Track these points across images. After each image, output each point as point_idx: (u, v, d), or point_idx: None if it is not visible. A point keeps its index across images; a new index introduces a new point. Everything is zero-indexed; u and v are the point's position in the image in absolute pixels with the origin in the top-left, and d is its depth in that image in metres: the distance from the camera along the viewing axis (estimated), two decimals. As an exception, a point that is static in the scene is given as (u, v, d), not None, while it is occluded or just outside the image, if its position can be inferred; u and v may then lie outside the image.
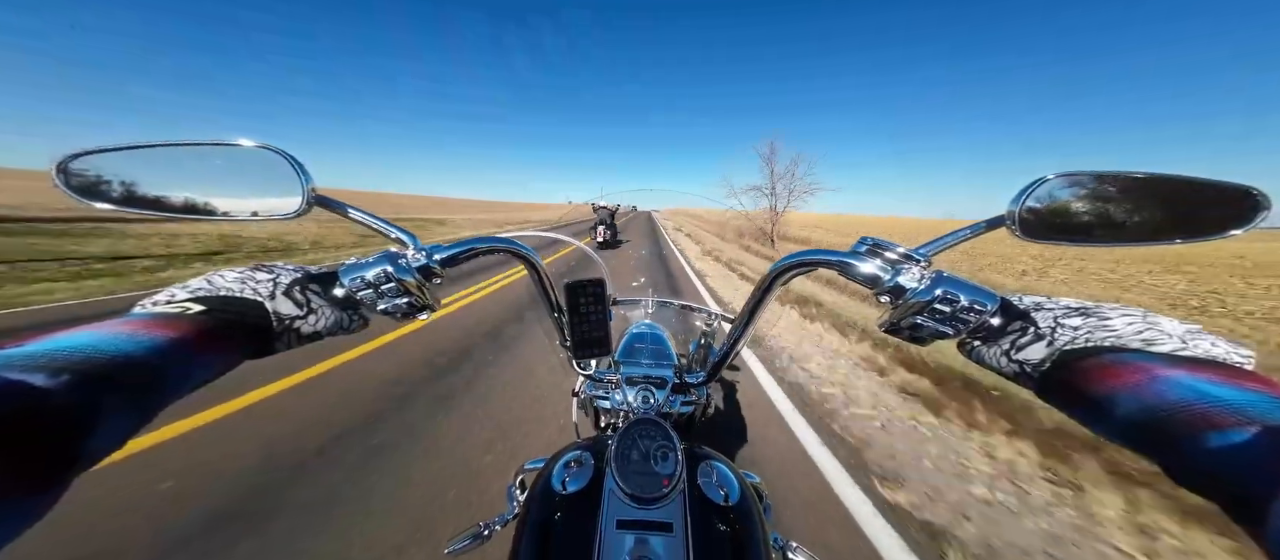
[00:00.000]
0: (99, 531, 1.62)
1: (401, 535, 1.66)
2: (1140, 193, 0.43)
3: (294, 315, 0.42)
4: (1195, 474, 0.26)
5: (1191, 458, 0.26)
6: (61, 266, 6.47)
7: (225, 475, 1.97)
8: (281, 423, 2.44)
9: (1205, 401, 0.26)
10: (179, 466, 2.01)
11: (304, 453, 2.16)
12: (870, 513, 1.89)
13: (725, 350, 0.77)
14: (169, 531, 1.64)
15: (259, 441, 2.24)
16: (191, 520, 1.70)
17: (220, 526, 1.68)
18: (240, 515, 1.74)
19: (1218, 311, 9.44)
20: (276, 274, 0.43)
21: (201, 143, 0.46)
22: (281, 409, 2.60)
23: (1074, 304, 0.39)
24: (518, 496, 0.79)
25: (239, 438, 2.27)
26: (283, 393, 2.78)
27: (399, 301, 0.49)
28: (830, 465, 2.24)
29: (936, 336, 0.45)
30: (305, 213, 0.50)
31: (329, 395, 2.80)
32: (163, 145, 0.45)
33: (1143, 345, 0.33)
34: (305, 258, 9.10)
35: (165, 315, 0.34)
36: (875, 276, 0.47)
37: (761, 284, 0.60)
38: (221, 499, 1.82)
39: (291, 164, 0.48)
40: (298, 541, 1.63)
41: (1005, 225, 0.47)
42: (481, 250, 0.56)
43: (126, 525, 1.66)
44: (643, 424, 0.63)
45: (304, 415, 2.53)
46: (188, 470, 1.99)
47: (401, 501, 1.85)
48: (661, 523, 0.52)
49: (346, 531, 1.68)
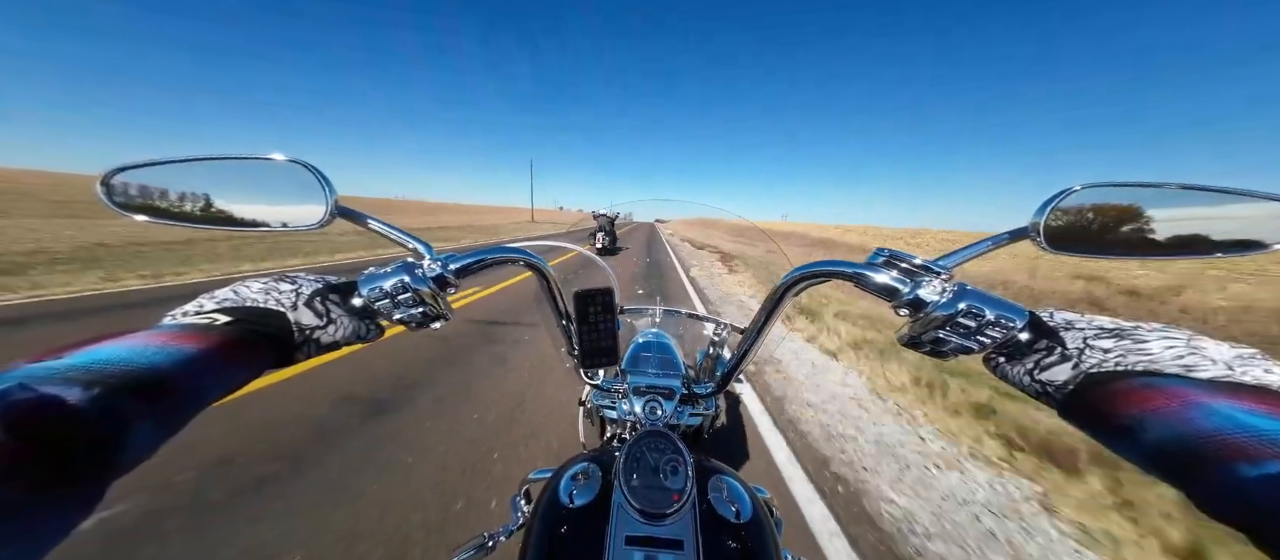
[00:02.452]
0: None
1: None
2: (1171, 204, 0.42)
3: (314, 325, 0.43)
4: (1224, 504, 0.25)
5: (1221, 487, 0.25)
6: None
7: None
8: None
9: (1242, 431, 0.25)
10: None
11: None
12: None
13: (735, 361, 0.76)
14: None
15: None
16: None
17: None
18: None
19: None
20: (299, 284, 0.45)
21: (237, 156, 0.49)
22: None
23: (1109, 324, 0.37)
24: (523, 507, 0.79)
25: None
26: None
27: (414, 311, 0.50)
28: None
29: (960, 351, 0.43)
30: (329, 224, 0.52)
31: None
32: (201, 159, 0.47)
33: (1181, 371, 0.31)
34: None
35: (194, 326, 0.35)
36: (893, 288, 0.45)
37: (773, 295, 0.59)
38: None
39: (318, 177, 0.50)
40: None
41: (1029, 236, 0.45)
42: (495, 260, 0.57)
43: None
44: (652, 436, 0.62)
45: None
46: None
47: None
48: (672, 540, 0.51)
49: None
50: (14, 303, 4.64)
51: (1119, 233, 0.44)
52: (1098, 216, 0.44)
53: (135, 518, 1.61)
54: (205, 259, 8.13)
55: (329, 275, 0.49)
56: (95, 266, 6.65)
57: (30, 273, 5.87)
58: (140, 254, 8.04)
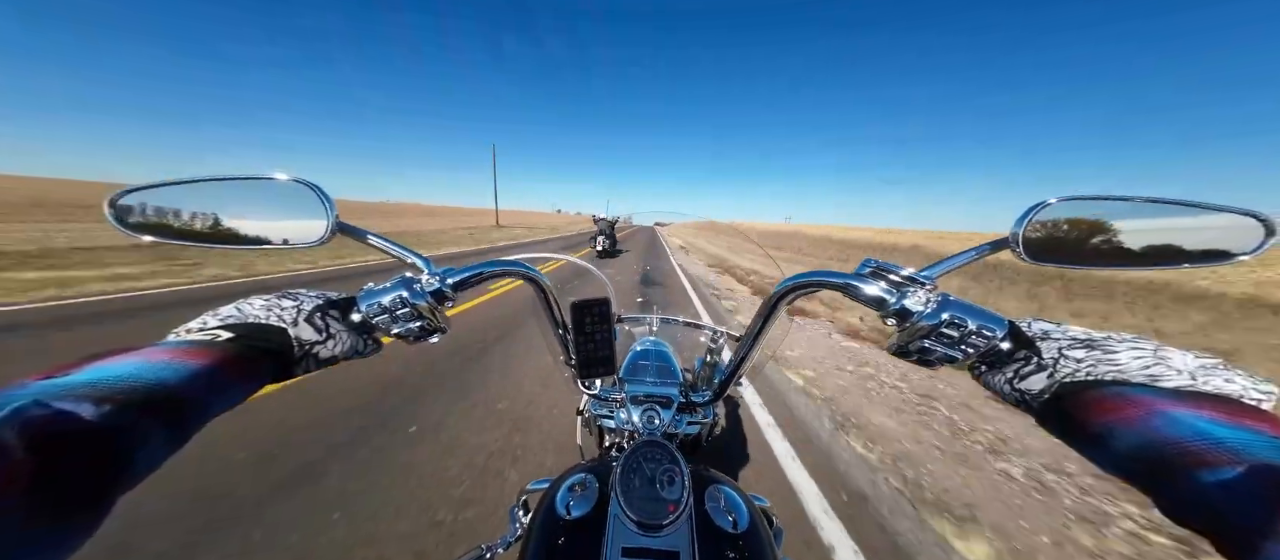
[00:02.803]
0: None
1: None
2: (1144, 217, 0.43)
3: (314, 340, 0.44)
4: (1186, 509, 0.26)
5: (1184, 494, 0.26)
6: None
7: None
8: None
9: (1202, 439, 0.27)
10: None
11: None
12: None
13: (732, 368, 0.77)
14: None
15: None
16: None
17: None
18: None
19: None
20: (300, 301, 0.46)
21: (241, 177, 0.50)
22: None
23: (1081, 334, 0.39)
24: (521, 518, 0.79)
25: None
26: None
27: (412, 325, 0.51)
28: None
29: (945, 361, 0.44)
30: (329, 241, 0.53)
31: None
32: (206, 180, 0.49)
33: (1147, 380, 0.33)
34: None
35: (198, 343, 0.36)
36: (880, 299, 0.47)
37: (766, 303, 0.61)
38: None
39: (319, 195, 0.52)
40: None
41: (1009, 247, 0.47)
42: (492, 273, 0.58)
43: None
44: (648, 446, 0.62)
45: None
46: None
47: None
48: (668, 551, 0.51)
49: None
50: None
51: (1093, 244, 0.45)
52: (1073, 228, 0.46)
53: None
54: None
55: (329, 291, 0.51)
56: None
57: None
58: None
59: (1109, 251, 0.44)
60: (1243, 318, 7.04)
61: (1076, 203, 0.45)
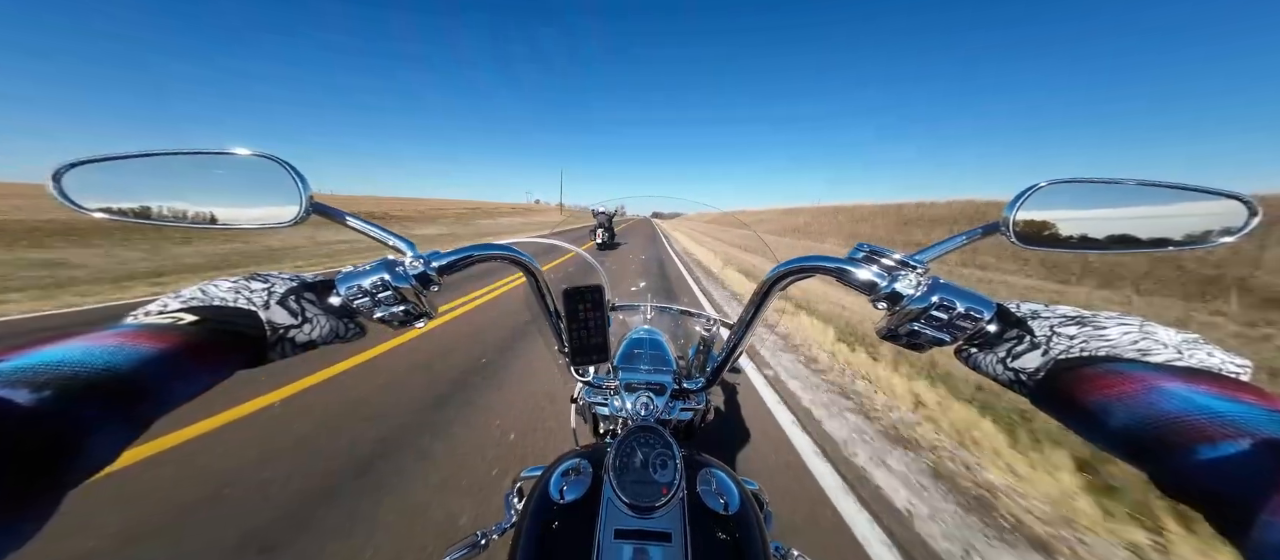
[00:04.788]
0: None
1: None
2: (1132, 200, 0.44)
3: (288, 324, 0.42)
4: (1186, 483, 0.26)
5: (1181, 469, 0.26)
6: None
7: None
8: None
9: (1199, 413, 0.27)
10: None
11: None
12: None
13: (724, 355, 0.77)
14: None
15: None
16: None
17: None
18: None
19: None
20: (271, 283, 0.43)
21: (198, 151, 0.46)
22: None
23: (1071, 312, 0.39)
24: (515, 504, 0.78)
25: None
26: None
27: (396, 310, 0.49)
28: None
29: (934, 343, 0.45)
30: (303, 221, 0.50)
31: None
32: (160, 154, 0.45)
33: (1138, 355, 0.33)
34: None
35: (156, 326, 0.34)
36: (872, 283, 0.47)
37: (759, 290, 0.61)
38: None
39: (289, 172, 0.48)
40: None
41: (1000, 232, 0.47)
42: (480, 257, 0.56)
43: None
44: (642, 431, 0.62)
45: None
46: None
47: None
48: (660, 532, 0.51)
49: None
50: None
51: (1085, 228, 0.46)
52: (1064, 212, 0.46)
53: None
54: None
55: (304, 274, 0.48)
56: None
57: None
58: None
59: (1100, 235, 0.45)
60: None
61: (1066, 186, 0.45)
